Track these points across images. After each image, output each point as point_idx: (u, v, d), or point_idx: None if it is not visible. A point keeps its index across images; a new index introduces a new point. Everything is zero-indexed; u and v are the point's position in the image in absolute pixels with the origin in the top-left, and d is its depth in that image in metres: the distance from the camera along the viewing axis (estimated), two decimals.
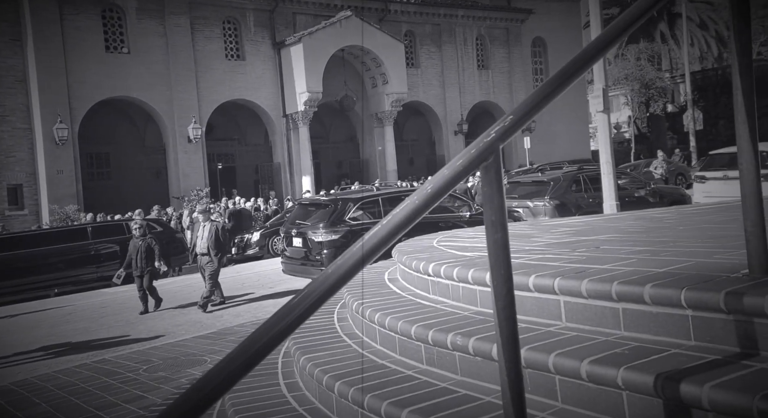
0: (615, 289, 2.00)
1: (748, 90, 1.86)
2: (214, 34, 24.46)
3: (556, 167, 21.38)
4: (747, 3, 1.86)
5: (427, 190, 1.35)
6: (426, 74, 28.39)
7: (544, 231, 4.15)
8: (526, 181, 12.51)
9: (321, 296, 1.22)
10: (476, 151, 1.42)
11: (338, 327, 3.15)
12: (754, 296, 1.68)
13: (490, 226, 1.44)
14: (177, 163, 23.75)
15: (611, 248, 2.94)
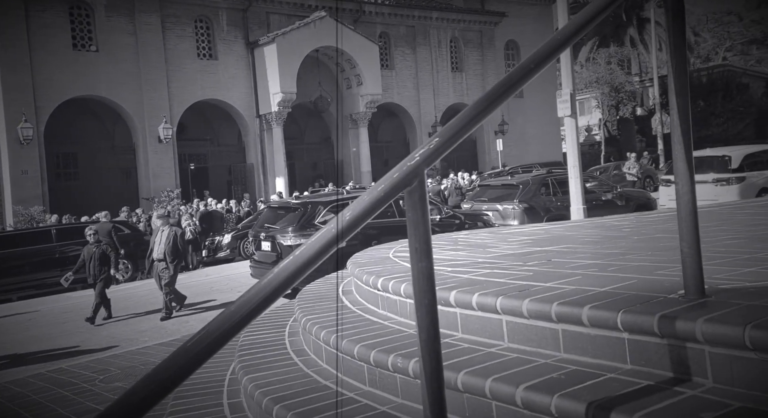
0: (555, 310, 1.98)
1: (684, 109, 1.85)
2: (185, 32, 24.09)
3: (527, 170, 21.57)
4: (683, 23, 1.84)
5: (345, 217, 1.29)
6: (400, 76, 28.39)
7: (502, 240, 4.14)
8: (495, 184, 12.57)
9: (216, 342, 1.13)
10: (399, 175, 1.37)
11: (288, 343, 3.08)
12: (685, 321, 1.66)
13: (414, 253, 1.39)
14: (147, 164, 23.34)
15: (562, 261, 2.92)
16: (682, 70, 1.84)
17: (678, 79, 1.83)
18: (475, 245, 3.95)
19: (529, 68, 1.57)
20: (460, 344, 2.22)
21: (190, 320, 9.18)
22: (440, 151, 1.43)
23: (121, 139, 25.52)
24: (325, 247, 1.23)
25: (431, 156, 1.41)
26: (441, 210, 11.23)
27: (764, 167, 12.56)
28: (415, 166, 1.38)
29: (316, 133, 30.47)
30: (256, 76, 25.09)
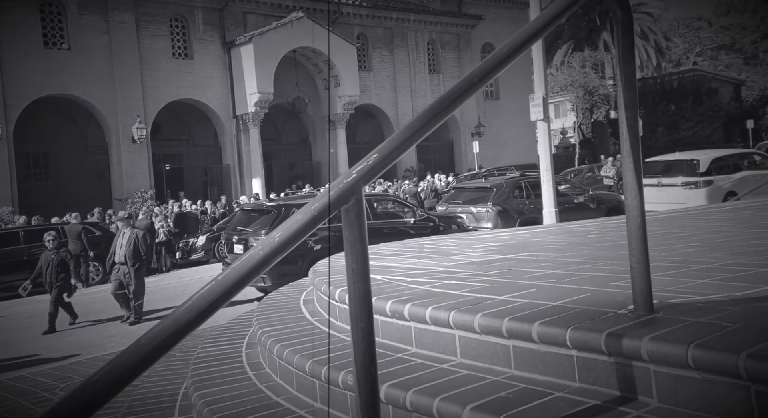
0: (506, 325, 1.95)
1: (633, 123, 1.83)
2: (160, 31, 23.74)
3: (502, 172, 21.70)
4: (631, 38, 1.83)
5: (275, 239, 1.23)
6: (378, 77, 28.37)
7: (467, 247, 4.12)
8: (469, 187, 12.60)
9: (125, 376, 1.06)
10: (335, 193, 1.32)
11: (244, 355, 3.01)
12: (631, 339, 1.64)
13: (351, 274, 1.34)
14: (120, 164, 22.95)
15: (521, 271, 2.90)
16: (630, 84, 1.83)
17: (627, 92, 1.82)
18: (440, 252, 3.93)
19: (472, 82, 1.54)
20: (413, 359, 2.18)
21: None
22: (378, 167, 1.38)
23: (94, 138, 25.06)
24: (249, 273, 1.17)
25: (369, 173, 1.36)
26: (415, 213, 11.20)
27: (731, 171, 12.81)
28: (352, 183, 1.33)
29: (294, 134, 30.28)
30: (232, 76, 24.85)
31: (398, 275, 3.00)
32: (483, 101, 31.21)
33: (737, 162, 13.12)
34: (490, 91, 31.98)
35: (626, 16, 1.80)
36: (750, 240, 3.44)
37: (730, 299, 1.99)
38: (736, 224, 4.34)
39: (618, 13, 1.80)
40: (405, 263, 3.53)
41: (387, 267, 3.36)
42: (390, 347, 2.33)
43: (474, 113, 30.27)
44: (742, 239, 3.49)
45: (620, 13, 1.80)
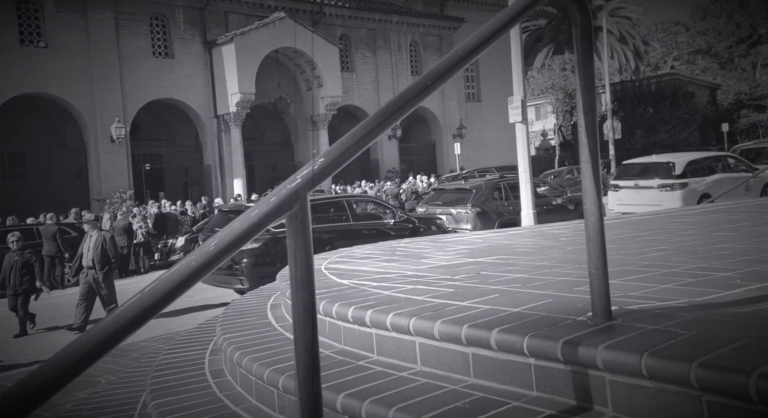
0: (465, 332, 1.92)
1: (591, 128, 1.81)
2: (140, 30, 23.46)
3: (483, 173, 21.78)
4: (590, 42, 1.81)
5: (210, 248, 1.18)
6: (361, 78, 28.33)
7: (440, 249, 4.09)
8: (449, 188, 12.63)
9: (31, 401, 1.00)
10: (277, 199, 1.27)
11: (207, 362, 2.94)
12: (587, 347, 1.62)
13: (294, 283, 1.30)
14: (99, 164, 22.62)
15: (489, 275, 2.88)
16: (589, 89, 1.81)
17: (585, 97, 1.80)
18: (412, 255, 3.90)
19: (425, 85, 1.50)
20: (373, 367, 2.14)
21: None
22: (325, 172, 1.34)
23: (72, 138, 24.67)
24: (181, 284, 1.11)
25: (314, 178, 1.32)
26: (395, 214, 11.17)
27: (705, 174, 12.98)
28: (296, 189, 1.28)
29: (276, 134, 30.11)
30: (213, 76, 24.64)
31: (366, 279, 2.96)
32: (465, 103, 31.33)
33: (712, 165, 13.30)
34: (471, 93, 32.11)
35: (585, 19, 1.78)
36: (716, 243, 3.46)
37: (689, 305, 1.98)
38: (705, 227, 4.37)
39: (576, 15, 1.78)
40: (375, 266, 3.49)
41: (356, 271, 3.32)
42: (351, 355, 2.28)
43: (456, 115, 30.37)
44: (709, 243, 3.51)
45: (578, 15, 1.78)
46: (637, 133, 31.05)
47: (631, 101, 32.21)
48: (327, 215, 10.72)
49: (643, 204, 12.73)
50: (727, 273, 2.51)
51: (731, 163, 13.75)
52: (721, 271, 2.57)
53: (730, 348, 1.47)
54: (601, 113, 25.05)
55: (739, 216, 4.98)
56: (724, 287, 2.24)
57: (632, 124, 31.15)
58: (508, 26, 1.54)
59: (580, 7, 1.76)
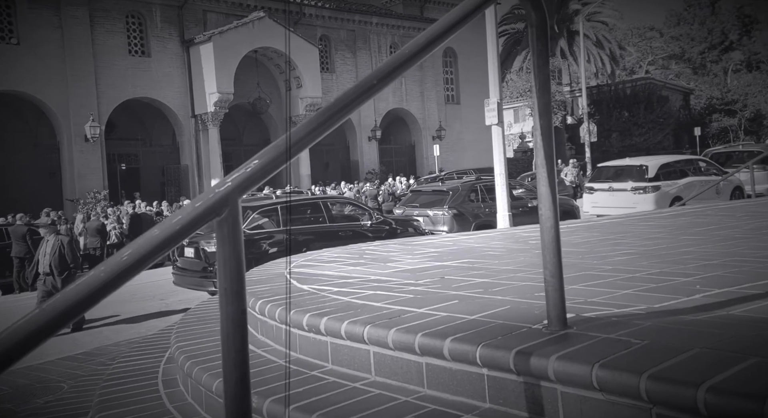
0: (419, 341, 1.86)
1: (547, 131, 1.77)
2: (116, 28, 23.08)
3: (462, 175, 21.83)
4: (546, 43, 1.77)
5: (123, 258, 1.08)
6: (341, 79, 28.24)
7: (409, 252, 4.04)
8: (426, 190, 12.61)
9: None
10: (204, 204, 1.19)
11: (161, 371, 2.83)
12: (539, 357, 1.57)
13: (223, 294, 1.22)
14: (72, 164, 22.19)
15: (452, 279, 2.83)
16: (545, 90, 1.76)
17: (541, 99, 1.75)
18: (379, 258, 3.83)
19: (371, 84, 1.44)
20: (327, 377, 2.07)
21: (104, 331, 8.67)
22: (259, 175, 1.27)
23: (45, 137, 24.17)
24: (84, 301, 1.02)
25: (246, 182, 1.24)
26: (371, 216, 11.10)
27: (678, 177, 13.14)
28: (226, 193, 1.21)
29: (255, 134, 29.85)
30: (191, 75, 24.34)
31: (327, 284, 2.89)
32: (444, 105, 31.41)
33: (684, 168, 13.47)
34: (451, 95, 32.22)
35: (540, 19, 1.73)
36: (681, 247, 3.46)
37: (646, 312, 1.95)
38: (672, 230, 4.39)
39: (532, 15, 1.74)
40: (340, 270, 3.42)
41: (319, 275, 3.24)
42: (306, 364, 2.21)
43: (435, 117, 30.43)
44: (674, 246, 3.51)
45: (534, 15, 1.74)
46: (612, 136, 31.44)
47: (607, 105, 32.63)
48: (304, 217, 10.64)
49: (617, 206, 12.85)
50: (688, 278, 2.49)
51: (702, 167, 13.95)
52: (682, 276, 2.56)
53: (681, 359, 1.43)
54: (578, 116, 25.31)
55: (707, 219, 5.01)
56: (683, 292, 2.22)
57: (608, 127, 31.54)
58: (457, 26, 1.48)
59: (535, 6, 1.72)
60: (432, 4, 31.66)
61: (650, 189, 12.56)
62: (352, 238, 10.39)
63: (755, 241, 3.59)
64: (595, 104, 31.73)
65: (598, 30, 34.08)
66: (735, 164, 15.37)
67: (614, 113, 32.05)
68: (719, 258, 2.98)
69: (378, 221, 11.14)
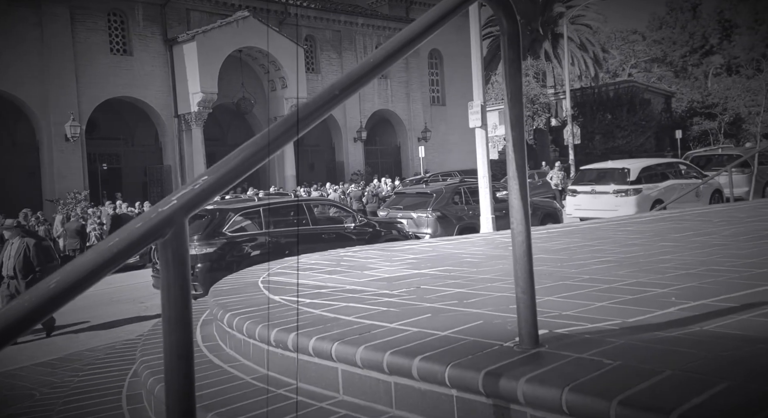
0: (387, 360, 1.79)
1: (519, 142, 1.71)
2: (97, 26, 22.75)
3: (446, 176, 21.84)
4: (518, 51, 1.72)
5: (50, 285, 0.98)
6: (326, 80, 28.11)
7: (387, 259, 3.98)
8: (410, 192, 12.57)
9: None
10: (145, 225, 1.09)
11: (126, 386, 2.73)
12: (509, 379, 1.52)
13: (167, 323, 1.13)
14: (52, 164, 21.84)
15: (428, 290, 2.77)
16: (517, 100, 1.71)
17: (513, 110, 1.70)
18: (356, 265, 3.76)
19: (333, 94, 1.37)
20: (294, 396, 2.00)
21: (81, 336, 8.51)
22: (207, 193, 1.19)
23: (23, 136, 23.76)
24: (7, 329, 0.93)
25: (195, 200, 1.16)
26: (355, 218, 11.03)
27: (659, 180, 13.25)
28: (170, 212, 1.12)
29: (240, 134, 29.60)
30: (174, 74, 24.09)
31: (300, 295, 2.82)
32: (430, 106, 31.43)
33: (665, 171, 13.59)
34: (436, 97, 32.25)
35: (512, 28, 1.68)
36: (659, 255, 3.43)
37: (620, 328, 1.90)
38: (651, 236, 4.37)
39: (504, 23, 1.68)
40: (315, 278, 3.35)
41: (292, 285, 3.17)
42: (273, 382, 2.14)
43: (421, 118, 30.42)
44: (652, 254, 3.48)
45: (506, 23, 1.68)
46: (596, 138, 31.68)
47: (590, 107, 32.89)
48: (286, 219, 10.53)
49: (599, 209, 12.92)
50: (663, 290, 2.46)
51: (683, 170, 14.09)
52: (658, 287, 2.52)
53: (653, 382, 1.38)
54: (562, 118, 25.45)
55: (684, 224, 5.02)
56: (658, 305, 2.18)
57: (591, 130, 31.78)
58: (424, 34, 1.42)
59: (507, 14, 1.66)
60: (417, 5, 31.69)
61: (632, 192, 12.65)
62: (336, 240, 10.30)
63: (732, 249, 3.58)
64: (579, 107, 31.96)
65: (582, 33, 34.35)
66: (715, 167, 15.54)
67: (597, 116, 32.32)
68: (696, 267, 2.96)
69: (362, 223, 11.08)
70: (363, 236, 10.68)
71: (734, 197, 10.94)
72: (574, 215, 13.93)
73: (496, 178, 27.63)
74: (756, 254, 3.27)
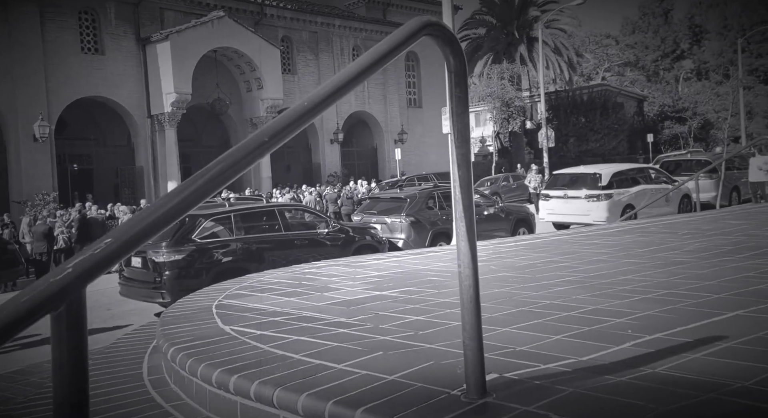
0: (329, 410, 1.70)
1: (466, 182, 1.64)
2: (68, 24, 22.24)
3: (423, 179, 21.83)
4: (465, 90, 1.64)
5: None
6: (303, 81, 27.92)
7: (351, 277, 3.89)
8: (384, 197, 12.50)
9: None
10: (32, 299, 0.94)
11: None
12: None
13: (59, 413, 1.01)
14: (20, 164, 21.28)
15: (385, 318, 2.69)
16: (464, 140, 1.64)
17: (459, 149, 1.63)
18: (318, 285, 3.67)
19: (261, 141, 1.28)
20: None
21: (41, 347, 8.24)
22: (110, 260, 1.07)
23: None
24: None
25: (94, 268, 1.04)
26: (328, 223, 10.90)
27: (629, 185, 13.44)
28: (64, 283, 0.99)
29: (215, 135, 29.24)
30: (147, 74, 23.67)
31: (252, 324, 2.72)
32: (406, 109, 31.42)
33: (635, 176, 13.78)
34: (413, 99, 32.27)
35: (459, 65, 1.61)
36: (620, 275, 3.41)
37: (572, 370, 1.84)
38: (616, 251, 4.36)
39: (450, 60, 1.61)
40: (273, 301, 3.25)
41: (248, 310, 3.06)
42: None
43: (397, 120, 30.40)
44: (614, 273, 3.46)
45: (453, 61, 1.61)
46: (570, 141, 32.01)
47: (564, 110, 33.22)
48: (258, 225, 10.31)
49: (572, 214, 13.04)
50: (620, 319, 2.42)
51: (653, 175, 14.32)
52: (616, 315, 2.48)
53: None
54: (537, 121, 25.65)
55: (650, 238, 5.03)
56: (614, 340, 2.13)
57: (566, 133, 32.11)
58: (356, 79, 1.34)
59: (454, 52, 1.59)
60: (394, 7, 31.67)
61: (603, 197, 12.78)
62: (309, 246, 10.17)
63: (693, 267, 3.57)
64: (553, 110, 32.25)
65: (556, 37, 34.69)
66: (684, 172, 15.86)
67: (571, 119, 32.67)
68: (656, 290, 2.93)
69: (335, 228, 10.95)
70: (336, 241, 10.56)
71: (701, 202, 11.19)
72: (547, 220, 14.02)
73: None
74: (714, 275, 3.26)
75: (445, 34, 1.54)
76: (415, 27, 1.47)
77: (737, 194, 15.87)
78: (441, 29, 1.53)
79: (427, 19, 1.50)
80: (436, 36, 1.55)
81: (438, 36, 1.55)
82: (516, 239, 5.77)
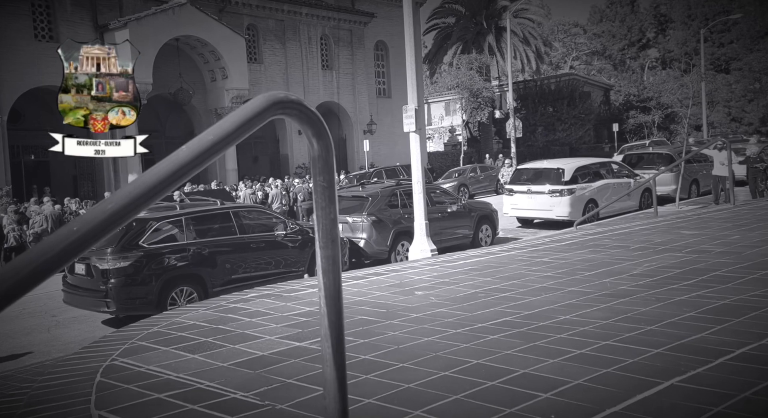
0: None
1: (334, 291, 1.40)
2: (20, 10, 21.30)
3: (390, 171, 21.59)
4: (332, 176, 1.39)
5: None
6: (269, 71, 27.32)
7: (277, 317, 3.64)
8: (346, 195, 12.20)
9: None
10: None
11: None
12: None
13: None
14: None
15: (282, 394, 2.46)
16: (330, 240, 1.40)
17: (324, 250, 1.38)
18: (236, 332, 3.40)
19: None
20: None
21: None
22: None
23: None
24: None
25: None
26: (286, 225, 10.56)
27: (592, 179, 13.49)
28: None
29: (178, 126, 28.52)
30: None
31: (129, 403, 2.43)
32: (376, 99, 31.08)
33: (598, 170, 13.83)
34: (382, 89, 31.93)
35: (323, 150, 1.36)
36: (562, 314, 3.23)
37: None
38: (564, 274, 4.20)
39: (313, 144, 1.37)
40: (171, 360, 2.97)
41: (137, 378, 2.78)
42: None
43: (366, 111, 30.04)
44: (556, 310, 3.28)
45: (315, 144, 1.36)
46: (537, 130, 32.09)
47: (532, 100, 33.28)
48: (211, 228, 9.87)
49: (535, 209, 13.02)
50: (543, 395, 2.22)
51: (615, 169, 14.42)
52: (544, 387, 2.28)
53: None
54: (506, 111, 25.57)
55: (599, 255, 4.89)
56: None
57: (533, 122, 32.18)
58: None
59: (317, 132, 1.34)
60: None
61: (566, 192, 12.78)
62: (265, 249, 9.81)
63: (637, 302, 3.42)
64: (522, 99, 32.25)
65: (525, 27, 34.58)
66: (646, 165, 16.08)
67: (539, 108, 32.75)
68: (593, 341, 2.75)
69: (293, 229, 10.61)
70: (294, 243, 10.25)
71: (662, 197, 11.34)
72: (511, 215, 13.97)
73: (440, 173, 27.59)
74: (655, 317, 3.11)
75: (303, 113, 1.30)
76: (261, 106, 1.22)
77: (696, 187, 16.10)
78: (297, 107, 1.29)
79: (275, 96, 1.24)
80: (292, 115, 1.30)
81: (294, 115, 1.30)
82: (468, 254, 5.59)
